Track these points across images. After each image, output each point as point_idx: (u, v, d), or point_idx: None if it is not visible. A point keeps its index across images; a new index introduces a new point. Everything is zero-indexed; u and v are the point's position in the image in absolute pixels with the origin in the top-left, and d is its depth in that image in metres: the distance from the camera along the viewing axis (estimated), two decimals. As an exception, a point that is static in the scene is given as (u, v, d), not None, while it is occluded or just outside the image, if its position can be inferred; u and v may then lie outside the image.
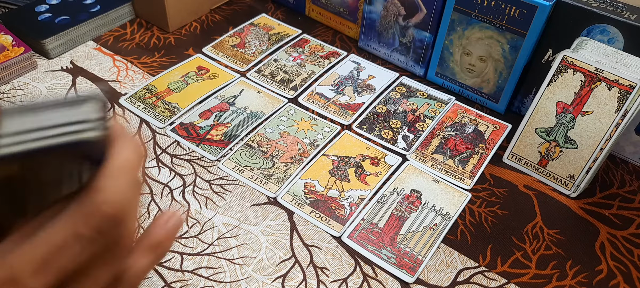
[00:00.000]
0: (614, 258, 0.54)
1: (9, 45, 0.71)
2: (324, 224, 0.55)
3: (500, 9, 0.63)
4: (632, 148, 0.64)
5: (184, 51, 0.78)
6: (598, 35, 0.59)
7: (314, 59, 0.78)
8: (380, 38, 0.77)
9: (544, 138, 0.60)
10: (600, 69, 0.53)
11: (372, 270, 0.51)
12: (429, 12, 0.70)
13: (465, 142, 0.66)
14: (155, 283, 0.49)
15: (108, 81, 0.71)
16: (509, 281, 0.51)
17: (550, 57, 0.64)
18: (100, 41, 0.78)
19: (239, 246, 0.52)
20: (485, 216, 0.57)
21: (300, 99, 0.71)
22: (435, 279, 0.51)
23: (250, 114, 0.68)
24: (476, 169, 0.62)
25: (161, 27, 0.82)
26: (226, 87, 0.72)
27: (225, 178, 0.59)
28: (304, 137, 0.65)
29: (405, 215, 0.56)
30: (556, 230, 0.56)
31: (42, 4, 0.80)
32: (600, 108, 0.55)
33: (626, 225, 0.57)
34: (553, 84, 0.57)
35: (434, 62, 0.73)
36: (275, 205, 0.57)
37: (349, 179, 0.60)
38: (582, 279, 0.52)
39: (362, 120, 0.68)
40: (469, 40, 0.68)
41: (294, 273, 0.50)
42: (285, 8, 0.90)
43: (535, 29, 0.62)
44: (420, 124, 0.68)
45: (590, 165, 0.57)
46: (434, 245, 0.54)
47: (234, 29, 0.83)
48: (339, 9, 0.82)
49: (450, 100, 0.72)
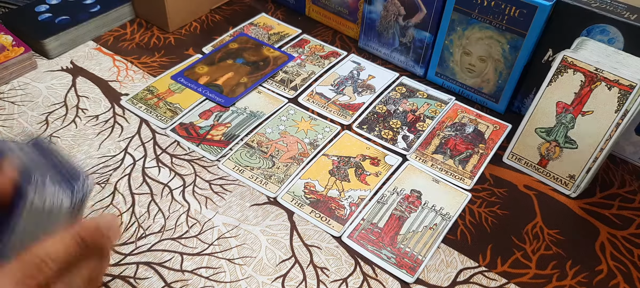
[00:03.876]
0: (614, 258, 0.54)
1: (9, 45, 0.71)
2: (324, 224, 0.55)
3: (500, 9, 0.63)
4: (632, 148, 0.64)
5: (184, 51, 0.78)
6: (598, 35, 0.59)
7: (314, 59, 0.78)
8: (380, 38, 0.77)
9: (544, 138, 0.60)
10: (600, 69, 0.53)
11: (372, 270, 0.51)
12: (429, 12, 0.70)
13: (465, 142, 0.66)
14: (155, 283, 0.49)
15: (108, 81, 0.71)
16: (509, 281, 0.51)
17: (550, 57, 0.64)
18: (100, 41, 0.78)
19: (239, 246, 0.52)
20: (485, 216, 0.57)
21: (300, 99, 0.71)
22: (435, 279, 0.51)
23: (250, 113, 0.68)
24: (476, 169, 0.62)
25: (161, 27, 0.82)
26: (226, 87, 0.72)
27: (225, 178, 0.59)
28: (304, 137, 0.65)
29: (405, 215, 0.56)
30: (556, 230, 0.56)
31: (42, 4, 0.80)
32: (600, 108, 0.55)
33: (626, 225, 0.57)
34: (553, 84, 0.57)
35: (434, 62, 0.73)
36: (275, 205, 0.57)
37: (349, 179, 0.60)
38: (582, 279, 0.52)
39: (362, 120, 0.68)
40: (469, 40, 0.68)
41: (294, 273, 0.50)
42: (285, 8, 0.90)
43: (535, 29, 0.62)
44: (420, 123, 0.68)
45: (590, 165, 0.57)
46: (434, 245, 0.54)
47: (233, 28, 0.83)
48: (339, 9, 0.82)
49: (450, 100, 0.72)
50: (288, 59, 0.77)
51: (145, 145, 0.62)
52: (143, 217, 0.55)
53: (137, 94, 0.69)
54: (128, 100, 0.68)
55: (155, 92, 0.70)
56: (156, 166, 0.60)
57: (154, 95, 0.69)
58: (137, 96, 0.69)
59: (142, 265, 0.50)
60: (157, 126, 0.65)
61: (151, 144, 0.63)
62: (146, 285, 0.48)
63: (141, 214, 0.55)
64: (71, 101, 0.68)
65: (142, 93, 0.70)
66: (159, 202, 0.56)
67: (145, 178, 0.59)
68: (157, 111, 0.67)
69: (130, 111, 0.67)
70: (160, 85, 0.71)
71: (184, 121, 0.66)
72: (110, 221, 0.35)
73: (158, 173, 0.59)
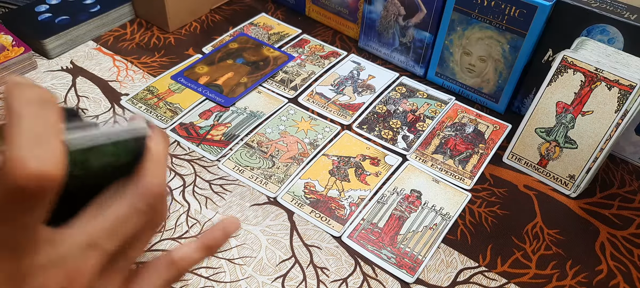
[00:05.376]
0: (614, 258, 0.54)
1: (9, 45, 0.71)
2: (324, 224, 0.55)
3: (500, 9, 0.63)
4: (632, 148, 0.64)
5: (184, 51, 0.78)
6: (598, 35, 0.59)
7: (314, 59, 0.78)
8: (380, 38, 0.77)
9: (544, 138, 0.60)
10: (600, 69, 0.53)
11: (372, 270, 0.51)
12: (429, 12, 0.70)
13: (465, 142, 0.66)
14: (155, 283, 0.49)
15: (108, 81, 0.71)
16: (509, 281, 0.51)
17: (550, 57, 0.64)
18: (100, 41, 0.78)
19: (239, 246, 0.52)
20: (485, 216, 0.57)
21: (300, 99, 0.71)
22: (435, 279, 0.51)
23: (250, 113, 0.68)
24: (476, 169, 0.62)
25: (161, 27, 0.82)
26: (226, 87, 0.72)
27: (225, 178, 0.59)
28: (304, 137, 0.65)
29: (405, 215, 0.56)
30: (556, 230, 0.56)
31: (42, 4, 0.80)
32: (600, 108, 0.55)
33: (626, 225, 0.57)
34: (553, 84, 0.57)
35: (434, 62, 0.73)
36: (275, 205, 0.57)
37: (349, 179, 0.60)
38: (582, 279, 0.52)
39: (362, 120, 0.68)
40: (469, 40, 0.68)
41: (294, 273, 0.50)
42: (285, 8, 0.90)
43: (535, 29, 0.62)
44: (420, 123, 0.68)
45: (590, 165, 0.57)
46: (434, 245, 0.54)
47: (233, 28, 0.83)
48: (339, 9, 0.82)
49: (450, 100, 0.72)
50: (288, 59, 0.77)
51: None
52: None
53: (137, 94, 0.69)
54: (128, 100, 0.68)
55: (155, 92, 0.70)
56: (156, 166, 0.60)
57: (154, 95, 0.69)
58: (137, 96, 0.69)
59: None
60: (157, 126, 0.65)
61: (151, 144, 0.63)
62: (146, 285, 0.48)
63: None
64: (71, 101, 0.68)
65: (142, 93, 0.70)
66: (159, 202, 0.56)
67: (145, 178, 0.59)
68: (157, 111, 0.67)
69: (130, 111, 0.67)
70: (160, 85, 0.71)
71: (184, 121, 0.66)
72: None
73: (158, 173, 0.59)
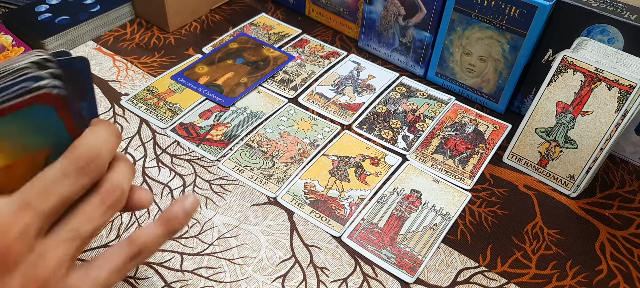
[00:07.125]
0: (614, 258, 0.54)
1: (9, 45, 0.71)
2: (324, 224, 0.55)
3: (500, 9, 0.63)
4: (632, 148, 0.64)
5: (184, 51, 0.78)
6: (598, 35, 0.59)
7: (314, 59, 0.78)
8: (380, 38, 0.77)
9: (544, 138, 0.60)
10: (600, 69, 0.53)
11: (372, 270, 0.51)
12: (429, 12, 0.70)
13: (465, 142, 0.66)
14: (155, 283, 0.49)
15: (108, 81, 0.71)
16: (509, 281, 0.51)
17: (550, 57, 0.64)
18: (100, 41, 0.78)
19: (239, 246, 0.52)
20: (485, 216, 0.57)
21: (300, 99, 0.71)
22: (435, 279, 0.51)
23: (250, 113, 0.68)
24: (476, 169, 0.62)
25: (161, 27, 0.82)
26: (226, 87, 0.72)
27: (225, 178, 0.59)
28: (304, 137, 0.65)
29: (405, 215, 0.56)
30: (556, 230, 0.56)
31: (42, 4, 0.80)
32: (600, 108, 0.55)
33: (626, 225, 0.57)
34: (553, 84, 0.57)
35: (434, 62, 0.73)
36: (275, 205, 0.57)
37: (349, 179, 0.60)
38: (582, 279, 0.52)
39: (362, 120, 0.68)
40: (469, 40, 0.68)
41: (294, 273, 0.50)
42: (285, 8, 0.90)
43: (535, 29, 0.62)
44: (420, 124, 0.68)
45: (590, 165, 0.57)
46: (434, 245, 0.54)
47: (233, 28, 0.83)
48: (339, 9, 0.82)
49: (450, 100, 0.72)
50: (288, 59, 0.77)
51: (145, 145, 0.62)
52: (143, 217, 0.55)
53: (137, 93, 0.69)
54: (128, 100, 0.68)
55: (155, 92, 0.70)
56: (156, 166, 0.60)
57: (154, 95, 0.69)
58: (137, 96, 0.69)
59: (142, 265, 0.50)
60: (157, 126, 0.65)
61: (151, 144, 0.63)
62: (146, 285, 0.48)
63: (141, 214, 0.55)
64: (71, 101, 0.68)
65: (142, 93, 0.70)
66: (159, 202, 0.56)
67: (145, 178, 0.59)
68: (157, 111, 0.67)
69: (130, 111, 0.67)
70: (160, 85, 0.71)
71: (184, 121, 0.66)
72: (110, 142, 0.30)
73: (158, 174, 0.59)
